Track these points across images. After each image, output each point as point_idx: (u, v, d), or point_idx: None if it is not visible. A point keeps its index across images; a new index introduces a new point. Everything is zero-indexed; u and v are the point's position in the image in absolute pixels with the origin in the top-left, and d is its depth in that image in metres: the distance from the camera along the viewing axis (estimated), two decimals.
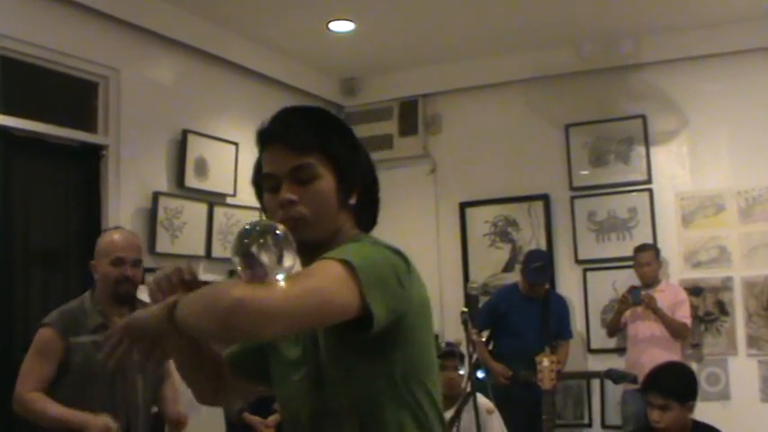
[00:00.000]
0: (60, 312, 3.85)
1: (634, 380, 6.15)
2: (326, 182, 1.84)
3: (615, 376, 6.46)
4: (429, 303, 1.87)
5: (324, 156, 1.84)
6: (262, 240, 1.57)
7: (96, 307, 3.80)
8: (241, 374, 2.07)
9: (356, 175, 1.90)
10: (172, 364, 4.19)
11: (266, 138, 1.92)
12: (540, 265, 6.69)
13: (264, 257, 1.56)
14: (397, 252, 1.77)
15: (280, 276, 1.56)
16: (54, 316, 3.82)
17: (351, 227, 1.90)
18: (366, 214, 1.95)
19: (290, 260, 1.58)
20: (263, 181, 1.91)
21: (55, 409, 3.61)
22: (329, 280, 1.58)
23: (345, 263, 1.60)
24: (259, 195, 1.96)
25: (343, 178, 1.86)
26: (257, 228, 1.60)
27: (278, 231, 1.59)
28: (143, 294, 4.20)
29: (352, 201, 1.89)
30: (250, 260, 1.56)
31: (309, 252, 1.80)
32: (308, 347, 1.84)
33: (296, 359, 1.88)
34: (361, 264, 1.62)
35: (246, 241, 1.59)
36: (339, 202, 1.85)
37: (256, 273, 1.55)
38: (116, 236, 3.94)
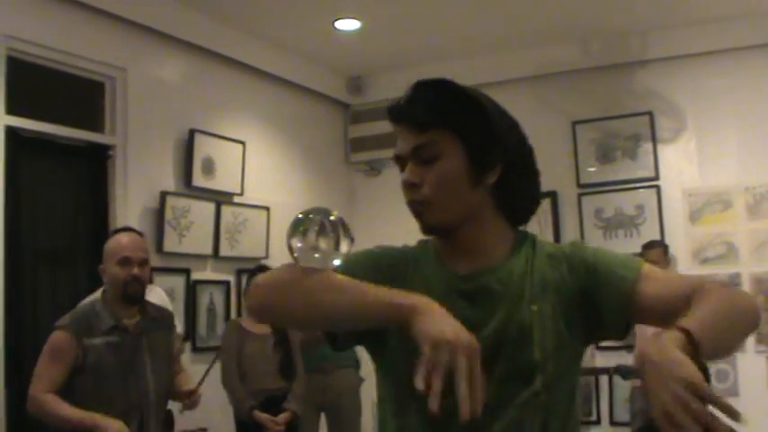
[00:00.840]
0: (73, 315, 3.89)
1: None
2: (452, 160, 1.67)
3: (624, 372, 6.46)
4: None
5: (450, 132, 1.67)
6: (317, 227, 1.58)
7: (107, 309, 3.83)
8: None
9: (493, 151, 1.69)
10: (183, 360, 4.24)
11: (392, 116, 1.77)
12: None
13: (322, 243, 1.57)
14: None
15: (336, 262, 1.58)
16: (67, 319, 3.85)
17: (493, 210, 1.73)
18: (513, 195, 1.75)
19: (346, 245, 1.59)
20: (395, 161, 1.76)
21: (69, 410, 3.64)
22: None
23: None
24: None
25: (474, 155, 1.68)
26: (311, 215, 1.60)
27: (332, 217, 1.59)
28: (151, 295, 4.25)
29: (491, 179, 1.69)
30: (307, 246, 1.57)
31: (442, 235, 1.72)
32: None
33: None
34: None
35: (302, 228, 1.58)
36: (471, 182, 1.68)
37: (313, 259, 1.57)
38: (122, 237, 3.97)
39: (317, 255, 1.58)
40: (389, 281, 1.66)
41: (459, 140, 1.68)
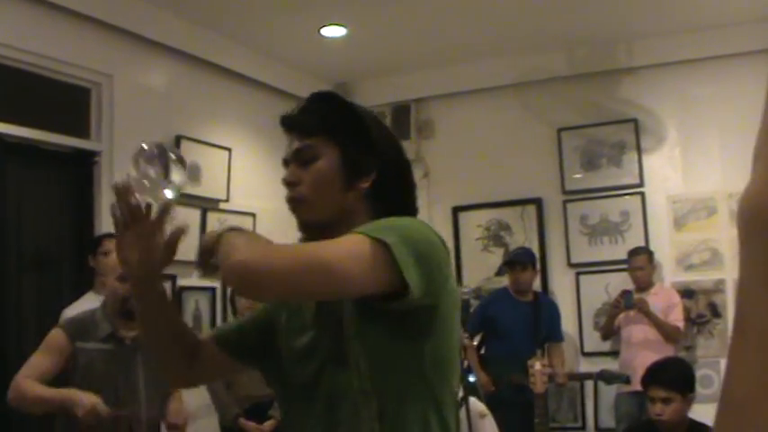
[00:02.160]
0: (72, 318, 3.97)
1: (627, 380, 6.18)
2: (327, 162, 1.84)
3: (607, 377, 6.49)
4: (459, 304, 1.88)
5: (329, 138, 1.86)
6: (145, 156, 1.73)
7: (107, 318, 3.85)
8: (232, 353, 2.01)
9: (367, 159, 1.85)
10: None
11: (283, 124, 1.95)
12: (520, 249, 6.78)
13: (151, 172, 1.72)
14: (442, 241, 1.77)
15: (167, 192, 1.78)
16: (66, 321, 3.94)
17: (364, 213, 1.85)
18: (387, 200, 1.87)
19: (177, 176, 1.79)
20: (283, 166, 1.95)
21: (44, 389, 3.65)
22: (344, 254, 1.62)
23: (376, 240, 1.63)
24: None
25: (348, 159, 1.84)
26: (145, 145, 1.77)
27: (170, 153, 1.78)
28: None
29: (364, 185, 1.84)
30: (140, 175, 1.71)
31: (315, 233, 1.82)
32: (326, 327, 1.80)
33: (307, 344, 1.85)
34: (398, 241, 1.63)
35: (136, 158, 1.73)
36: (344, 185, 1.84)
37: (145, 187, 1.72)
38: None
39: (145, 182, 1.75)
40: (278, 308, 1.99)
41: (335, 146, 1.85)
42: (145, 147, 1.78)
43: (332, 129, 1.86)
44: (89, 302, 4.45)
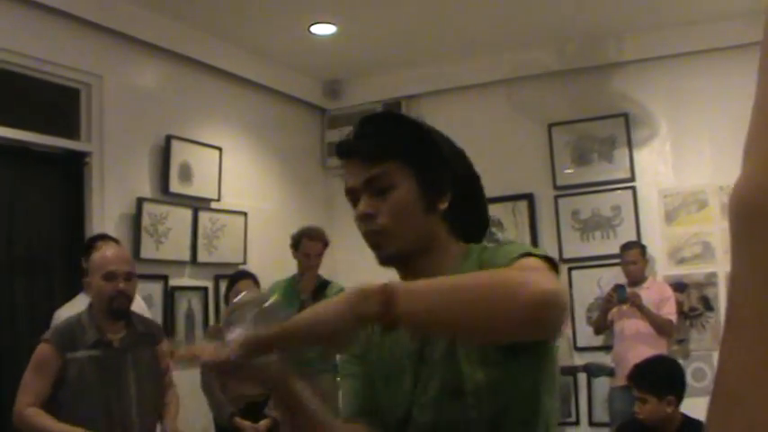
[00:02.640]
0: (57, 328, 3.91)
1: (610, 372, 6.20)
2: (405, 189, 1.70)
3: (593, 369, 6.53)
4: None
5: (400, 162, 1.71)
6: (254, 311, 1.51)
7: (93, 322, 3.82)
8: (376, 422, 1.79)
9: (442, 177, 1.74)
10: (172, 376, 4.22)
11: (341, 152, 1.78)
12: None
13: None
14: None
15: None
16: (52, 331, 3.87)
17: (447, 235, 1.76)
18: (465, 217, 1.80)
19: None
20: (347, 196, 1.78)
21: (52, 425, 3.64)
22: (557, 284, 1.49)
23: (546, 259, 1.56)
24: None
25: (425, 183, 1.72)
26: (248, 302, 1.56)
27: (268, 309, 1.53)
28: (137, 305, 4.24)
29: (443, 206, 1.74)
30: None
31: (401, 264, 1.74)
32: (433, 361, 1.68)
33: (411, 380, 1.72)
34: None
35: (237, 316, 1.52)
36: (424, 210, 1.71)
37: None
38: (107, 251, 3.98)
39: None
40: (366, 354, 1.81)
41: (410, 170, 1.71)
42: (245, 303, 1.56)
43: (404, 152, 1.72)
44: (82, 303, 4.44)
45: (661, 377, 3.93)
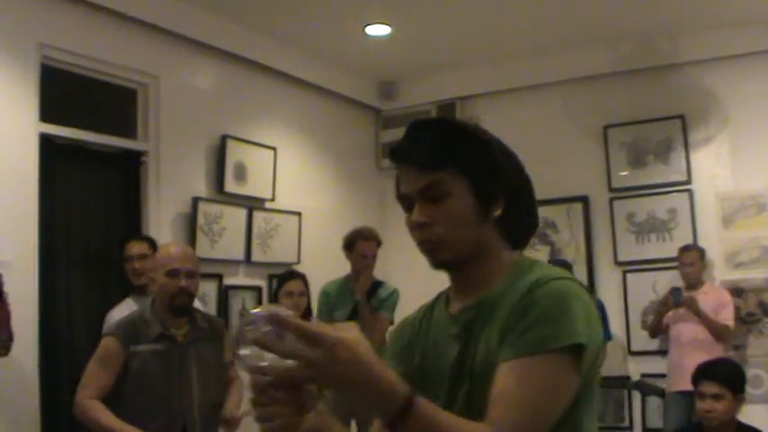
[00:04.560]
0: (121, 322, 3.96)
1: (661, 393, 6.11)
2: (461, 198, 1.68)
3: (644, 389, 6.43)
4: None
5: (455, 170, 1.68)
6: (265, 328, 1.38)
7: (156, 317, 3.86)
8: None
9: (497, 185, 1.71)
10: (237, 368, 4.25)
11: (396, 157, 1.75)
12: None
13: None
14: (587, 291, 1.64)
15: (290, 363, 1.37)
16: (116, 325, 3.93)
17: (498, 241, 1.74)
18: (516, 222, 1.77)
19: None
20: (400, 202, 1.76)
21: (111, 421, 3.67)
22: (547, 394, 1.50)
23: (560, 352, 1.51)
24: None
25: (480, 191, 1.69)
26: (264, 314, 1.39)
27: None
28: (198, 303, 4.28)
29: (497, 212, 1.71)
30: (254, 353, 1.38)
31: (453, 270, 1.74)
32: (473, 370, 1.65)
33: (449, 391, 1.69)
34: (572, 331, 1.52)
35: (252, 329, 1.39)
36: (479, 218, 1.69)
37: (251, 366, 1.38)
38: (172, 248, 4.05)
39: (262, 363, 1.39)
40: (409, 348, 1.79)
41: (465, 177, 1.68)
42: (254, 318, 1.40)
43: (459, 160, 1.69)
44: (130, 307, 4.50)
45: (735, 373, 3.88)
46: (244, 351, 1.38)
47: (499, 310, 1.65)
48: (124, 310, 4.51)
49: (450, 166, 1.68)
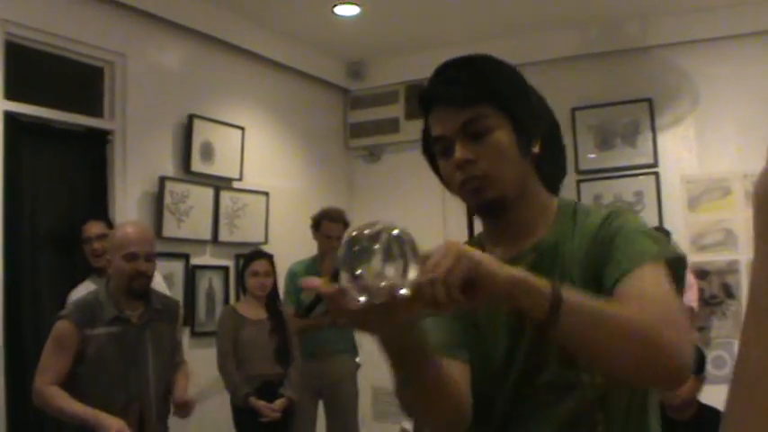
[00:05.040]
0: (75, 305, 3.93)
1: None
2: (504, 132, 1.65)
3: None
4: None
5: (495, 104, 1.65)
6: (383, 250, 1.30)
7: (111, 299, 3.83)
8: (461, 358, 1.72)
9: (534, 121, 1.70)
10: (184, 353, 4.24)
11: (429, 99, 1.72)
12: None
13: (390, 270, 1.30)
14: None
15: (403, 291, 1.30)
16: (71, 308, 3.89)
17: (535, 181, 1.72)
18: (550, 165, 1.75)
19: (414, 271, 1.31)
20: (434, 146, 1.71)
21: (72, 404, 3.66)
22: (673, 293, 1.50)
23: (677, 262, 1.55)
24: (433, 166, 1.77)
25: (520, 125, 1.67)
26: (369, 232, 1.32)
27: (395, 232, 1.32)
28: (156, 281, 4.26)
29: (536, 149, 1.69)
30: (371, 274, 1.30)
31: (498, 212, 1.69)
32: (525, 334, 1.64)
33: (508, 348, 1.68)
34: (672, 249, 1.58)
35: (362, 251, 1.30)
36: (520, 153, 1.66)
37: (378, 289, 1.30)
38: (129, 229, 3.97)
39: (383, 284, 1.30)
40: None
41: (504, 113, 1.66)
42: (384, 234, 1.31)
43: (498, 95, 1.66)
44: (87, 289, 4.46)
45: (696, 354, 3.89)
46: (359, 271, 1.30)
47: (566, 252, 1.64)
48: (81, 292, 4.47)
49: (489, 102, 1.65)
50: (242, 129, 6.66)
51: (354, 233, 1.33)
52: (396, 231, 1.32)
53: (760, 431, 0.57)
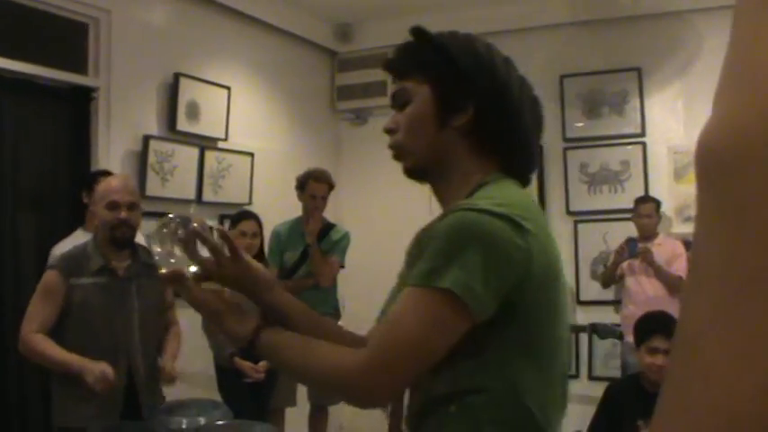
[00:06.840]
0: (63, 255, 3.97)
1: (620, 336, 6.15)
2: (417, 104, 1.72)
3: (601, 331, 6.48)
4: (556, 271, 1.71)
5: (419, 78, 1.74)
6: (173, 234, 1.70)
7: (98, 250, 3.87)
8: None
9: (461, 94, 1.68)
10: (177, 313, 4.25)
11: (383, 68, 1.87)
12: None
13: (177, 250, 1.70)
14: (503, 216, 1.51)
15: (192, 269, 1.71)
16: (58, 259, 3.95)
17: (466, 151, 1.71)
18: (491, 135, 1.71)
19: (204, 251, 1.70)
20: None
21: (56, 352, 3.69)
22: (419, 328, 1.48)
23: (442, 291, 1.47)
24: None
25: (441, 98, 1.71)
26: (170, 222, 1.73)
27: (193, 224, 1.71)
28: (141, 238, 4.26)
29: (460, 122, 1.68)
30: (164, 251, 1.72)
31: (419, 180, 1.79)
32: None
33: None
34: (459, 277, 1.46)
35: (165, 231, 1.72)
36: (437, 125, 1.70)
37: (169, 264, 1.72)
38: (113, 181, 4.04)
39: (172, 260, 1.72)
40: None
41: (427, 85, 1.72)
42: (171, 222, 1.74)
43: (421, 67, 1.75)
44: (78, 240, 4.44)
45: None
46: (156, 248, 1.72)
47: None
48: (68, 243, 4.47)
49: (414, 74, 1.75)
50: (228, 89, 6.61)
51: (169, 216, 1.74)
52: (194, 224, 1.72)
53: (699, 391, 0.57)
